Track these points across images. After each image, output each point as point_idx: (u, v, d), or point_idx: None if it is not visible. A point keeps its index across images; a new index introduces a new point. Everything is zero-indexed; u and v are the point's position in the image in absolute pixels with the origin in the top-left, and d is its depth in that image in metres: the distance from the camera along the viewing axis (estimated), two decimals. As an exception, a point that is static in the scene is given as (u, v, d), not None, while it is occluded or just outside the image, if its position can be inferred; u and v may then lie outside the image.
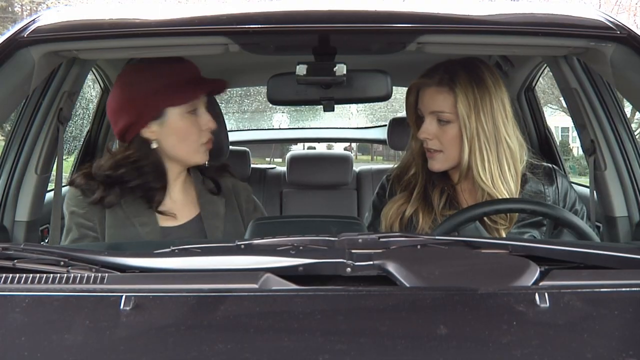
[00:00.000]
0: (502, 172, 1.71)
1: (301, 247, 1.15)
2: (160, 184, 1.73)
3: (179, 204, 1.78)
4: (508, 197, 1.71)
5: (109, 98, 1.76)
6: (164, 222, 1.74)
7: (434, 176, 1.81)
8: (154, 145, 1.71)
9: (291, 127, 6.21)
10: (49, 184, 2.29)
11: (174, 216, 1.75)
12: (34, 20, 1.52)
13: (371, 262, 1.08)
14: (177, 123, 1.69)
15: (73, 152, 3.81)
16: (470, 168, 1.71)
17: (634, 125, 12.18)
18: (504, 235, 1.73)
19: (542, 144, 2.92)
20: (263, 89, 3.19)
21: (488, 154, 1.70)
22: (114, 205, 1.70)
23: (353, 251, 1.12)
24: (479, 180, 1.71)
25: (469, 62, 1.75)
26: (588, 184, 2.20)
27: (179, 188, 1.79)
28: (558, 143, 3.14)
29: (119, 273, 1.09)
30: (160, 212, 1.73)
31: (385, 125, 3.54)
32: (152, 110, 1.68)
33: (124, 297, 0.96)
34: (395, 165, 1.93)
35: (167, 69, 1.70)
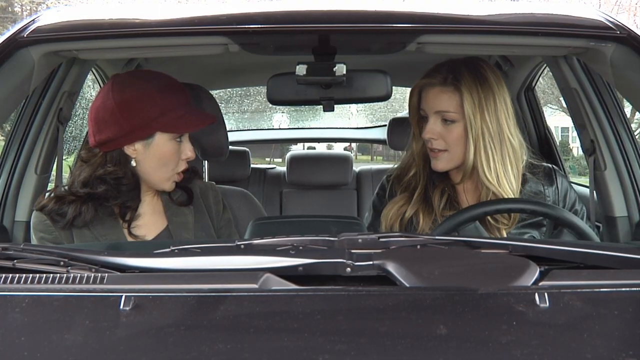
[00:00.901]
0: (506, 171, 1.71)
1: (301, 247, 1.15)
2: (135, 204, 1.72)
3: (147, 218, 1.76)
4: (512, 195, 1.71)
5: (97, 103, 1.67)
6: (132, 238, 1.72)
7: (434, 176, 1.81)
8: (133, 164, 1.68)
9: (291, 127, 6.21)
10: (49, 184, 2.29)
11: (142, 231, 1.73)
12: (34, 20, 1.52)
13: (371, 262, 1.08)
14: (162, 147, 1.67)
15: (73, 152, 3.81)
16: (475, 167, 1.71)
17: (634, 125, 12.18)
18: (504, 234, 1.73)
19: (542, 144, 2.92)
20: (263, 89, 3.19)
21: (493, 153, 1.70)
22: (86, 224, 1.67)
23: (353, 251, 1.11)
24: (484, 180, 1.71)
25: (472, 61, 1.75)
26: (588, 184, 2.20)
27: (146, 202, 1.77)
28: (558, 143, 3.14)
29: (118, 273, 1.09)
30: (129, 231, 1.71)
31: (385, 125, 3.54)
32: (144, 131, 1.64)
33: (123, 297, 0.96)
34: (395, 166, 1.93)
35: (167, 94, 1.66)
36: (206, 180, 2.42)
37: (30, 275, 1.06)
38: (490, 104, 1.70)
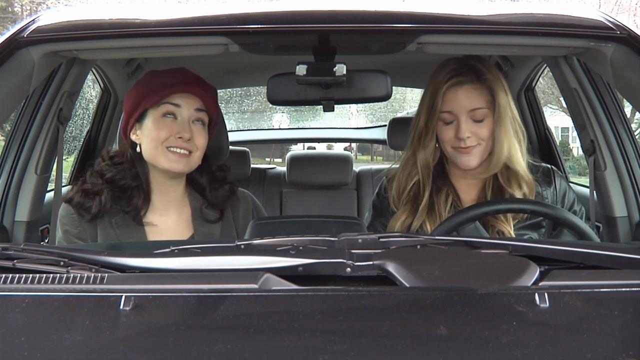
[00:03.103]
0: (521, 149, 1.74)
1: (301, 247, 1.15)
2: (135, 183, 1.72)
3: (172, 224, 1.76)
4: (532, 182, 1.73)
5: None
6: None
7: (438, 181, 1.80)
8: (138, 149, 1.73)
9: (291, 127, 6.21)
10: (49, 184, 2.29)
11: (166, 236, 1.73)
12: (34, 20, 1.52)
13: (371, 262, 1.08)
14: (151, 123, 1.69)
15: (73, 152, 3.81)
16: (508, 158, 1.72)
17: (634, 125, 12.17)
18: (511, 225, 1.73)
19: (542, 144, 2.92)
20: (263, 89, 3.19)
21: (517, 140, 1.73)
22: (108, 212, 1.70)
23: (353, 251, 1.12)
24: (517, 167, 1.72)
25: (477, 57, 1.77)
26: (588, 184, 2.20)
27: (174, 208, 1.77)
28: (558, 143, 3.14)
29: (118, 273, 1.09)
30: (149, 224, 1.72)
31: (385, 125, 3.54)
32: (136, 110, 1.70)
33: (123, 297, 0.96)
34: (394, 166, 1.92)
35: (161, 77, 1.72)
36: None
37: (30, 275, 1.06)
38: (507, 92, 1.73)
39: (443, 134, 1.75)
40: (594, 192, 2.08)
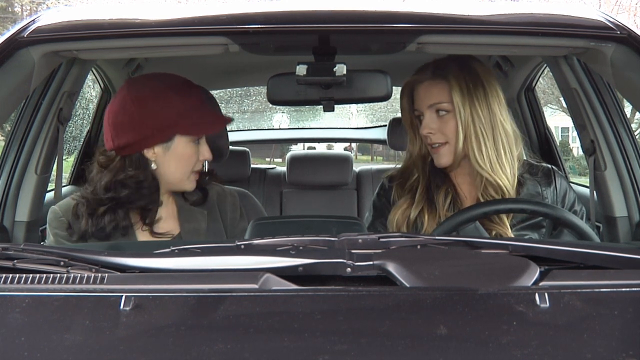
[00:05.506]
0: (499, 157, 1.72)
1: (301, 247, 1.15)
2: (156, 207, 1.71)
3: (160, 224, 1.75)
4: (506, 181, 1.72)
5: (115, 107, 1.67)
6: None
7: (437, 179, 1.81)
8: (154, 167, 1.68)
9: (291, 127, 6.22)
10: (49, 184, 2.29)
11: (155, 235, 1.72)
12: (34, 20, 1.52)
13: (371, 262, 1.08)
14: (181, 150, 1.67)
15: (73, 152, 3.82)
16: (467, 155, 1.72)
17: (634, 125, 12.17)
18: (508, 225, 1.73)
19: (542, 144, 2.91)
20: (263, 89, 3.19)
21: (485, 139, 1.71)
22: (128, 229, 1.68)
23: (353, 251, 1.11)
24: (476, 166, 1.72)
25: (459, 56, 1.78)
26: (588, 184, 2.20)
27: (162, 206, 1.76)
28: (558, 143, 3.14)
29: (119, 273, 1.09)
30: (153, 231, 1.71)
31: (385, 125, 3.54)
32: (164, 135, 1.65)
33: (123, 297, 0.96)
34: (395, 166, 1.93)
35: (184, 96, 1.67)
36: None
37: (30, 275, 1.06)
38: (480, 92, 1.72)
39: (421, 134, 1.79)
40: (594, 192, 2.08)
